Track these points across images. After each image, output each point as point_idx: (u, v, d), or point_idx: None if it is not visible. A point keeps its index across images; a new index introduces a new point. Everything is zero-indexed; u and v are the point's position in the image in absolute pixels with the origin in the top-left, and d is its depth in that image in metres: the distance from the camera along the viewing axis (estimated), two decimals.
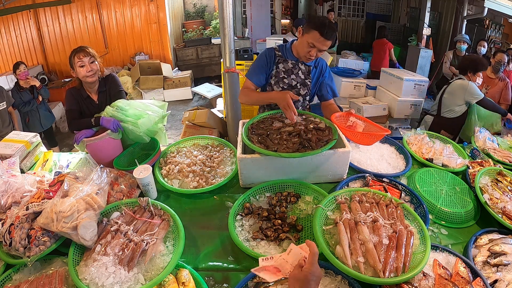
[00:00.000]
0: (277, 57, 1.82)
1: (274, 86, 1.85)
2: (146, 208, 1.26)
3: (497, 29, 5.41)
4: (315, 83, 1.87)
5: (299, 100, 1.87)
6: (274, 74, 1.83)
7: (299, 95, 1.84)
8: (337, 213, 1.19)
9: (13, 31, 5.95)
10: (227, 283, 1.10)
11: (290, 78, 1.82)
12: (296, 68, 1.81)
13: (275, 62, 1.82)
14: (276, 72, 1.82)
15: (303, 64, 1.80)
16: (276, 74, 1.82)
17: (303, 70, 1.81)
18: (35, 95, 3.78)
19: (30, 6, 5.89)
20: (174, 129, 5.06)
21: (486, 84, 3.13)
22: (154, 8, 6.58)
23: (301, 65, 1.81)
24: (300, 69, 1.81)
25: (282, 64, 1.81)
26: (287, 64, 1.81)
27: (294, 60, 1.81)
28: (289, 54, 1.81)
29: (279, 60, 1.82)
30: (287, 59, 1.81)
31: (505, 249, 1.17)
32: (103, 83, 1.96)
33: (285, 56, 1.81)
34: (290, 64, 1.80)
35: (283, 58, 1.81)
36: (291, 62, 1.80)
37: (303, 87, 1.84)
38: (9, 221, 1.15)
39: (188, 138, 1.89)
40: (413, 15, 6.74)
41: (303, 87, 1.84)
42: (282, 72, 1.81)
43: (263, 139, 1.45)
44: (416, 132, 1.99)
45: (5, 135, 1.89)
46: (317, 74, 1.84)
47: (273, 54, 1.82)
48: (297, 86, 1.83)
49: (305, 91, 1.85)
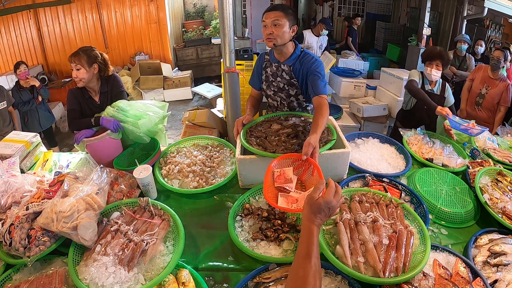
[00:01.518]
0: (265, 62, 1.86)
1: (267, 90, 1.88)
2: (146, 208, 1.26)
3: (497, 29, 5.40)
4: (302, 82, 1.80)
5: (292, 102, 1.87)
6: (264, 79, 1.87)
7: (289, 96, 1.84)
8: (337, 213, 1.19)
9: (13, 31, 5.94)
10: (227, 283, 1.10)
11: (277, 81, 1.82)
12: (279, 70, 1.80)
13: (263, 67, 1.86)
14: (266, 77, 1.86)
15: (285, 65, 1.78)
16: (266, 78, 1.86)
17: (286, 71, 1.79)
18: (35, 95, 3.77)
19: (30, 6, 5.88)
20: (174, 129, 5.06)
21: (486, 84, 3.13)
22: (154, 8, 6.58)
23: (283, 66, 1.78)
24: (283, 70, 1.79)
25: (269, 68, 1.84)
26: (272, 68, 1.82)
27: (276, 62, 1.80)
28: (273, 58, 1.82)
29: (266, 64, 1.85)
30: (272, 63, 1.82)
31: (505, 249, 1.17)
32: (105, 84, 1.95)
33: (271, 60, 1.83)
34: (274, 67, 1.81)
35: (270, 62, 1.83)
36: (274, 65, 1.81)
37: (291, 87, 1.81)
38: (9, 221, 1.15)
39: (188, 138, 1.89)
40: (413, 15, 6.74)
41: (291, 88, 1.81)
42: (270, 76, 1.84)
43: (261, 141, 1.45)
44: (416, 132, 1.99)
45: (5, 135, 1.89)
46: (302, 72, 1.77)
47: (262, 58, 1.87)
48: (285, 88, 1.82)
49: (294, 91, 1.82)
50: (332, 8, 9.31)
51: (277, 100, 1.87)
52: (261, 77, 1.89)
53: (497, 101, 3.03)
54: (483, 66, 3.27)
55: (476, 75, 3.24)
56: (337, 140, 1.52)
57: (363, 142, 1.86)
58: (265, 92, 1.91)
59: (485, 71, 3.15)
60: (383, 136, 1.91)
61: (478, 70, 3.25)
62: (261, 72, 1.88)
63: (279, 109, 1.91)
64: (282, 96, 1.84)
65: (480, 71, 3.21)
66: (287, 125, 1.57)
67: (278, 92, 1.84)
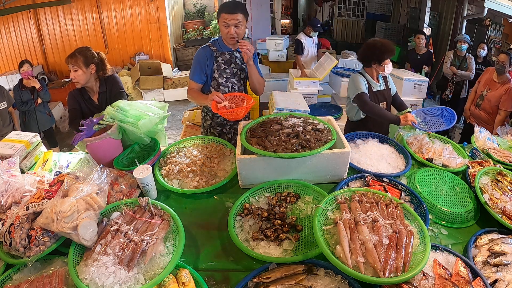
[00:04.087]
0: (214, 52, 1.95)
1: (219, 78, 1.99)
2: (146, 208, 1.26)
3: (497, 29, 5.40)
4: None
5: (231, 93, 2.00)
6: (216, 68, 1.97)
7: (240, 80, 2.06)
8: (337, 213, 1.19)
9: (13, 31, 5.95)
10: (227, 283, 1.10)
11: (231, 67, 2.00)
12: (233, 57, 1.99)
13: (214, 57, 1.96)
14: (217, 66, 1.97)
15: (237, 52, 1.99)
16: (218, 67, 1.97)
17: (239, 58, 2.00)
18: (35, 96, 3.77)
19: (30, 6, 5.88)
20: (174, 129, 5.06)
21: (488, 87, 3.12)
22: (154, 8, 6.59)
23: (236, 53, 1.99)
24: (236, 57, 2.00)
25: (221, 57, 1.96)
26: (225, 56, 1.97)
27: (230, 50, 1.97)
28: (224, 47, 1.97)
29: (217, 54, 1.96)
30: (224, 52, 1.96)
31: (505, 249, 1.17)
32: (104, 84, 1.96)
33: (221, 50, 1.96)
34: (227, 55, 1.97)
35: (220, 52, 1.96)
36: (227, 53, 1.97)
37: (242, 72, 2.05)
38: (9, 221, 1.15)
39: (188, 138, 1.89)
40: (413, 15, 6.74)
41: (242, 72, 2.06)
42: (222, 64, 1.97)
43: (261, 141, 1.46)
44: (416, 133, 1.99)
45: (5, 135, 1.89)
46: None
47: (209, 50, 1.96)
48: (238, 73, 2.03)
49: (244, 74, 2.08)
50: (332, 8, 9.32)
51: (228, 86, 2.03)
52: (209, 68, 1.97)
53: (496, 104, 3.02)
54: (490, 69, 3.27)
55: (483, 77, 3.24)
56: (337, 140, 1.52)
57: (363, 142, 1.86)
58: (215, 80, 1.99)
59: (491, 73, 3.15)
60: (383, 136, 1.91)
61: (486, 73, 3.27)
62: (211, 63, 1.96)
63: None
64: (233, 81, 2.03)
65: (487, 74, 3.22)
66: (287, 125, 1.57)
67: (231, 78, 2.01)
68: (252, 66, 1.92)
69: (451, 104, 4.08)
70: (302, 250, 1.17)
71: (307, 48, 4.71)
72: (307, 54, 4.77)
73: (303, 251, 1.17)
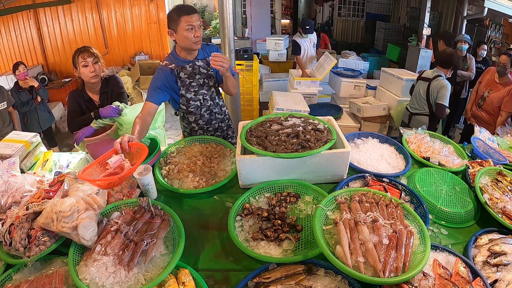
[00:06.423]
0: (173, 70, 1.81)
1: (187, 94, 1.87)
2: (146, 208, 1.26)
3: (497, 29, 5.40)
4: (216, 70, 1.89)
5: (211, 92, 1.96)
6: (180, 85, 1.84)
7: (210, 88, 1.93)
8: (337, 213, 1.19)
9: (13, 31, 5.94)
10: (227, 283, 1.10)
11: (196, 79, 1.87)
12: (195, 68, 1.84)
13: (176, 75, 1.82)
14: (181, 82, 1.83)
15: (199, 61, 1.85)
16: (182, 83, 1.83)
17: (203, 66, 1.86)
18: (34, 95, 3.77)
19: (30, 6, 5.88)
20: (174, 129, 5.06)
21: (489, 88, 3.12)
22: (154, 8, 6.58)
23: (197, 62, 1.85)
24: (200, 66, 1.85)
25: (182, 72, 1.82)
26: (187, 70, 1.83)
27: (189, 62, 1.83)
28: (182, 60, 1.82)
29: (177, 71, 1.81)
30: (184, 65, 1.82)
31: (505, 249, 1.17)
32: (105, 84, 1.96)
33: (180, 64, 1.82)
34: (189, 68, 1.83)
35: (180, 67, 1.81)
36: (188, 66, 1.83)
37: (209, 79, 1.91)
38: (9, 221, 1.15)
39: (188, 138, 1.89)
40: (413, 15, 6.74)
41: (210, 79, 1.91)
42: (186, 78, 1.83)
43: (261, 141, 1.46)
44: (417, 132, 1.99)
45: (5, 135, 1.89)
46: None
47: (167, 69, 1.81)
48: (205, 82, 1.90)
49: (213, 81, 1.94)
50: (332, 8, 9.32)
51: (199, 98, 1.91)
52: (174, 86, 1.83)
53: (498, 105, 3.01)
54: (491, 69, 3.25)
55: (484, 77, 3.23)
56: (337, 140, 1.52)
57: (363, 142, 1.86)
58: (184, 97, 1.87)
59: (493, 74, 3.13)
60: (383, 136, 1.91)
61: (486, 73, 3.25)
62: (172, 81, 1.81)
63: (203, 107, 1.94)
64: (203, 92, 1.91)
65: (488, 74, 3.20)
66: (287, 125, 1.57)
67: (199, 90, 1.89)
68: (230, 77, 1.80)
69: (452, 104, 4.07)
70: (302, 250, 1.17)
71: (303, 49, 4.71)
72: (304, 55, 4.78)
73: (303, 251, 1.17)
